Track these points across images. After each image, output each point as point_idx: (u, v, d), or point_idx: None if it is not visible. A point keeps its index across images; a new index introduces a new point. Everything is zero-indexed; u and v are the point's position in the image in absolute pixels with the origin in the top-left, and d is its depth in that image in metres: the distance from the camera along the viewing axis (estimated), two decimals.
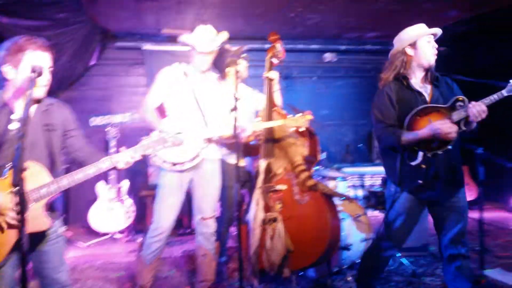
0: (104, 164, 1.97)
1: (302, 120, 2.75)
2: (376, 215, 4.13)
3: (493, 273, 3.38)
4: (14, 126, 1.81)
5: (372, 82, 6.33)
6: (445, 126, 2.20)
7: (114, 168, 1.99)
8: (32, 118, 1.92)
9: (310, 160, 2.84)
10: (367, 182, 5.22)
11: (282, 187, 2.80)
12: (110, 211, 4.50)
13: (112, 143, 4.25)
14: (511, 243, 4.18)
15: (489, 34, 5.63)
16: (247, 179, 3.16)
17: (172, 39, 5.45)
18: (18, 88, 1.89)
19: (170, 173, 2.85)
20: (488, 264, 3.45)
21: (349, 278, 3.24)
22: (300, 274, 3.10)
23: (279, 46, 2.99)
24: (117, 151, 2.93)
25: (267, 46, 5.58)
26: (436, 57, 2.53)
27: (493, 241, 4.24)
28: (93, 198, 4.57)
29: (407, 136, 2.28)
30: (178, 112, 2.90)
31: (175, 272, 3.66)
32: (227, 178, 3.18)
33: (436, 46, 2.53)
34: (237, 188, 2.60)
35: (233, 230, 3.77)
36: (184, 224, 4.93)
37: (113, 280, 3.55)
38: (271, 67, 3.01)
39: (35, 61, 1.83)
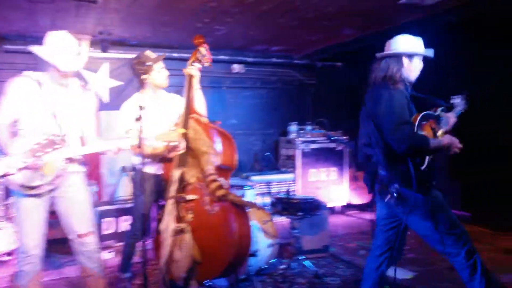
0: None
1: (174, 135, 2.75)
2: (282, 220, 4.30)
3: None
4: None
5: (277, 93, 6.65)
6: (456, 139, 2.34)
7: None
8: None
9: (226, 169, 2.85)
10: (274, 189, 5.41)
11: (193, 197, 2.77)
12: None
13: None
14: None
15: (378, 51, 6.23)
16: (164, 189, 3.07)
17: None
18: None
19: (28, 194, 2.57)
20: None
21: (257, 285, 3.31)
22: (208, 284, 3.08)
23: (203, 50, 2.96)
24: None
25: (175, 55, 5.55)
26: None
27: None
28: None
29: (433, 142, 2.31)
30: (33, 129, 2.57)
31: None
32: (140, 188, 3.05)
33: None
34: (143, 199, 2.53)
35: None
36: None
37: None
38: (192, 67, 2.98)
39: None
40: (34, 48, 2.61)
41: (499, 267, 3.45)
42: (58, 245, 3.89)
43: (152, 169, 3.11)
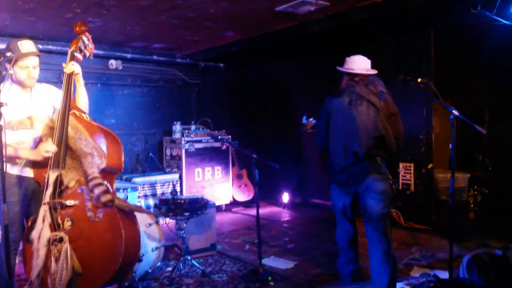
0: None
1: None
2: (169, 222, 4.20)
3: (268, 261, 3.90)
4: None
5: (160, 92, 6.48)
6: None
7: None
8: None
9: (111, 172, 2.64)
10: (159, 190, 5.25)
11: (73, 202, 2.51)
12: None
13: None
14: (280, 233, 4.92)
15: (260, 55, 6.54)
16: (35, 193, 2.72)
17: None
18: None
19: None
20: (264, 254, 3.96)
21: None
22: None
23: (86, 40, 2.70)
24: None
25: (39, 46, 5.00)
26: None
27: (268, 233, 4.90)
28: None
29: None
30: None
31: None
32: (9, 193, 2.64)
33: None
34: (3, 206, 2.21)
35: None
36: None
37: None
38: (73, 60, 2.72)
39: None
40: None
41: None
42: None
43: (25, 171, 2.74)
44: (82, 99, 2.91)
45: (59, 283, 2.37)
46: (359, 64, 3.14)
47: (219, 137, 5.33)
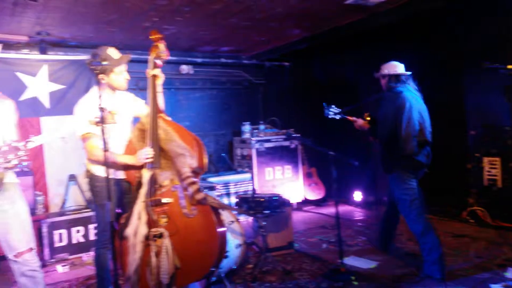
0: None
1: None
2: (243, 219, 4.27)
3: (349, 260, 3.83)
4: None
5: (228, 93, 6.62)
6: None
7: None
8: None
9: (197, 171, 2.75)
10: (232, 189, 5.36)
11: (168, 200, 2.64)
12: None
13: None
14: (357, 232, 4.81)
15: (325, 51, 6.45)
16: (127, 193, 2.88)
17: (5, 46, 4.70)
18: None
19: None
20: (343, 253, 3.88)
21: (229, 287, 3.25)
22: None
23: (162, 46, 2.83)
24: None
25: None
26: None
27: (344, 232, 4.80)
28: None
29: None
30: None
31: None
32: (104, 196, 2.83)
33: None
34: (108, 205, 2.36)
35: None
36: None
37: None
38: (155, 67, 2.83)
39: None
40: None
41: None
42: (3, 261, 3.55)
43: (117, 173, 2.91)
44: (162, 103, 3.05)
45: (163, 276, 2.48)
46: (398, 66, 3.56)
47: (292, 135, 5.31)
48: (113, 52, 2.85)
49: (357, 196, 6.14)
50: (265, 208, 3.61)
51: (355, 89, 6.65)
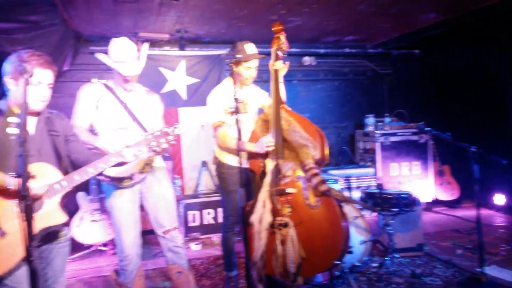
0: (113, 157, 2.09)
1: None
2: (367, 216, 4.10)
3: (490, 270, 3.40)
4: (12, 130, 1.66)
5: (350, 84, 6.42)
6: None
7: (120, 163, 2.11)
8: (37, 125, 1.99)
9: (319, 163, 2.73)
10: (353, 184, 5.21)
11: (292, 190, 2.67)
12: (93, 223, 4.23)
13: None
14: (498, 240, 4.26)
15: (461, 37, 5.80)
16: (250, 180, 3.00)
17: (150, 43, 5.26)
18: (17, 99, 1.95)
19: (120, 191, 2.69)
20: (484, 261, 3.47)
21: (352, 283, 3.16)
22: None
23: (283, 38, 2.85)
24: None
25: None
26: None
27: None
28: (74, 209, 4.27)
29: None
30: (113, 127, 2.68)
31: (169, 284, 3.47)
32: (230, 182, 3.01)
33: None
34: (240, 192, 2.47)
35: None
36: None
37: None
38: (277, 59, 2.87)
39: (35, 77, 1.84)
40: (99, 56, 2.72)
41: None
42: (149, 235, 4.02)
43: (237, 162, 3.04)
44: (283, 95, 3.06)
45: (291, 266, 2.53)
46: None
47: (425, 129, 4.90)
48: (248, 47, 2.96)
49: (499, 199, 5.42)
50: (393, 206, 3.41)
51: (497, 80, 5.85)
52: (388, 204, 3.43)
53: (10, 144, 1.85)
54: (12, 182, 1.78)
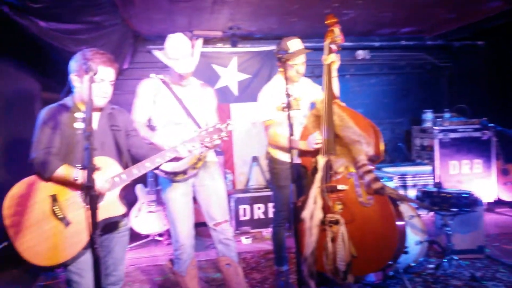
0: (169, 152, 2.15)
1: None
2: (424, 215, 3.94)
3: None
4: (79, 125, 1.78)
5: (406, 79, 6.18)
6: None
7: (175, 158, 2.17)
8: (100, 120, 2.08)
9: (373, 159, 2.66)
10: (409, 182, 5.02)
11: (343, 187, 2.64)
12: (150, 214, 4.43)
13: None
14: None
15: None
16: (302, 176, 3.00)
17: (203, 41, 5.38)
18: (82, 95, 2.05)
19: (174, 184, 2.77)
20: None
21: (406, 283, 3.06)
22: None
23: (337, 31, 2.81)
24: None
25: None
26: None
27: None
28: (133, 200, 4.50)
29: None
30: (169, 122, 2.76)
31: (220, 275, 3.56)
32: (282, 178, 3.03)
33: None
34: (292, 188, 2.47)
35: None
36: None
37: (160, 283, 3.49)
38: (331, 52, 2.83)
39: (98, 74, 1.92)
40: (155, 53, 2.83)
41: None
42: (202, 227, 4.14)
43: (288, 157, 3.04)
44: (336, 89, 3.00)
45: (340, 263, 2.50)
46: None
47: (488, 125, 4.59)
48: (293, 43, 2.94)
49: None
50: (452, 205, 3.24)
51: None
52: (447, 203, 3.27)
53: (77, 139, 1.97)
54: (78, 174, 1.91)
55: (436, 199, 3.28)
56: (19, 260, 1.89)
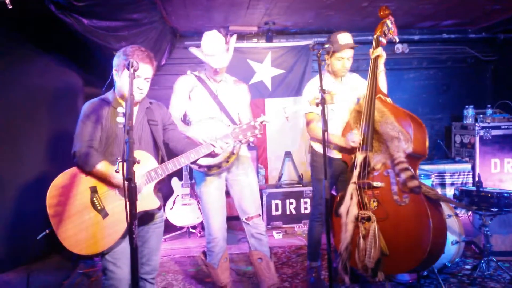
0: (203, 148, 2.18)
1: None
2: (461, 215, 3.81)
3: None
4: (120, 119, 1.86)
5: (447, 73, 5.95)
6: None
7: (209, 154, 2.21)
8: (138, 115, 2.13)
9: (416, 157, 2.60)
10: (448, 180, 4.86)
11: (379, 184, 2.60)
12: (185, 207, 4.56)
13: None
14: None
15: None
16: (343, 171, 2.98)
17: (239, 36, 5.43)
18: (122, 90, 2.11)
19: (208, 178, 2.83)
20: None
21: (441, 284, 2.99)
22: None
23: (389, 23, 2.77)
24: None
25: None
26: None
27: None
28: (169, 193, 4.64)
29: None
30: (203, 117, 2.80)
31: (252, 269, 3.62)
32: (321, 171, 3.02)
33: None
34: (325, 182, 2.47)
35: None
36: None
37: (192, 274, 3.58)
38: (379, 45, 2.79)
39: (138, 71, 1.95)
40: (192, 49, 2.87)
41: None
42: (234, 221, 4.23)
43: (333, 153, 3.02)
44: (383, 84, 2.95)
45: (368, 260, 2.47)
46: None
47: None
48: (342, 37, 2.88)
49: None
50: (492, 205, 3.12)
51: None
52: (487, 203, 3.15)
53: (117, 132, 2.05)
54: (118, 167, 1.97)
55: (475, 198, 3.17)
56: (61, 247, 1.99)
